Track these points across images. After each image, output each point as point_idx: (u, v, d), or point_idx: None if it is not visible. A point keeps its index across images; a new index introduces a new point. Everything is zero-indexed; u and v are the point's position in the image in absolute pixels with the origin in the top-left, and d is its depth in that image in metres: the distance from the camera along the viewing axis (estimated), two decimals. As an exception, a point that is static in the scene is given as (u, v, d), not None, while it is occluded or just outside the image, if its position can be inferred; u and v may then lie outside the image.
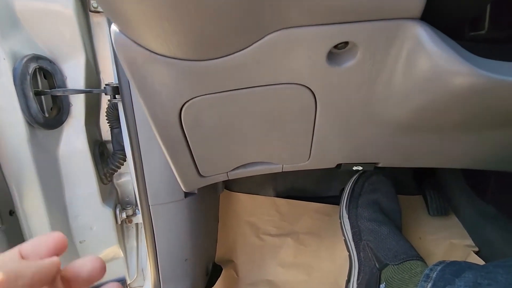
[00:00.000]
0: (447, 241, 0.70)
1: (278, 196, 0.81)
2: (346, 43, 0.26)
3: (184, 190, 0.42)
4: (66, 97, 0.51)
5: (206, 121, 0.32)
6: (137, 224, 0.65)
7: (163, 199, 0.46)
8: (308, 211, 0.80)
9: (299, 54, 0.25)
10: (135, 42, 0.23)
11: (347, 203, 0.63)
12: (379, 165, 0.45)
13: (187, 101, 0.29)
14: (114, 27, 0.23)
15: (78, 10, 0.49)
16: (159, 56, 0.24)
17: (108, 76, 0.59)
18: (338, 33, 0.24)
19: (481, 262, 0.62)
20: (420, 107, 0.29)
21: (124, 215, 0.61)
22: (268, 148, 0.39)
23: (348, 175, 0.72)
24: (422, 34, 0.23)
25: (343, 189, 0.70)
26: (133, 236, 0.65)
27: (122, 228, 0.63)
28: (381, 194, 0.61)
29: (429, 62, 0.24)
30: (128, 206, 0.63)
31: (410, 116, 0.31)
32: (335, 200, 0.78)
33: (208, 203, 0.58)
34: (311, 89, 0.29)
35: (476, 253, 0.66)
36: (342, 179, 0.79)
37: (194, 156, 0.37)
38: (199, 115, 0.31)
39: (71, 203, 0.54)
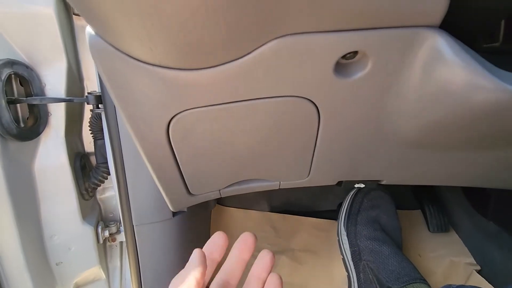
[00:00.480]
0: (447, 259, 0.67)
1: (272, 211, 0.77)
2: (355, 52, 0.23)
3: (171, 210, 0.38)
4: (45, 106, 0.47)
5: (196, 137, 0.28)
6: (121, 243, 0.60)
7: (148, 219, 0.42)
8: (304, 227, 0.76)
9: (304, 64, 0.22)
10: (114, 47, 0.20)
11: (345, 220, 0.60)
12: (382, 183, 0.42)
13: (175, 115, 0.25)
14: (89, 29, 0.20)
15: (60, 12, 0.46)
16: (142, 64, 0.20)
17: (93, 83, 0.56)
18: (348, 41, 0.21)
19: (484, 281, 0.60)
20: (434, 123, 0.26)
21: (106, 233, 0.56)
22: (264, 165, 0.35)
23: (345, 188, 0.69)
24: (442, 43, 0.21)
25: (340, 204, 0.67)
26: (117, 255, 0.60)
27: (104, 247, 0.58)
28: (381, 211, 0.58)
29: (449, 74, 0.21)
30: (112, 223, 0.58)
31: (422, 132, 0.29)
32: (332, 215, 0.75)
33: (198, 220, 0.54)
34: (315, 102, 0.26)
35: (478, 271, 0.63)
36: (339, 193, 0.76)
37: (183, 174, 0.33)
38: (189, 131, 0.27)
39: (47, 221, 0.49)
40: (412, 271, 0.50)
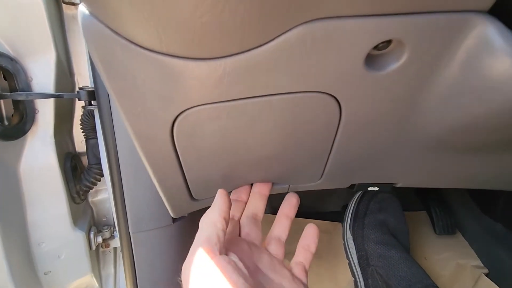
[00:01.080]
0: (454, 262, 0.65)
1: (274, 212, 0.74)
2: (389, 41, 0.20)
3: (172, 216, 0.35)
4: (31, 102, 0.43)
5: (204, 137, 0.25)
6: (115, 248, 0.56)
7: (146, 225, 0.39)
8: (307, 229, 0.73)
9: (331, 54, 0.20)
10: (112, 30, 0.16)
11: (352, 223, 0.58)
12: (397, 185, 0.40)
13: (182, 112, 0.22)
14: (82, 7, 0.16)
15: (49, 0, 0.42)
16: (146, 51, 0.17)
17: (84, 78, 0.52)
18: (385, 28, 0.18)
19: (493, 285, 0.58)
20: (471, 122, 0.24)
21: (99, 239, 0.52)
22: (276, 167, 0.33)
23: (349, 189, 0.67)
24: (493, 32, 0.18)
25: (345, 206, 0.65)
26: (111, 262, 0.57)
27: (97, 254, 0.54)
28: (389, 214, 0.56)
29: (499, 67, 0.19)
30: (105, 228, 0.54)
31: (452, 132, 0.26)
32: (335, 216, 0.72)
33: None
34: (337, 98, 0.24)
35: (486, 274, 0.62)
36: (343, 193, 0.74)
37: (187, 177, 0.30)
38: (197, 130, 0.24)
39: (34, 227, 0.45)
40: (424, 277, 0.48)
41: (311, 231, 0.33)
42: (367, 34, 0.19)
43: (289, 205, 0.34)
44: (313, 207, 0.76)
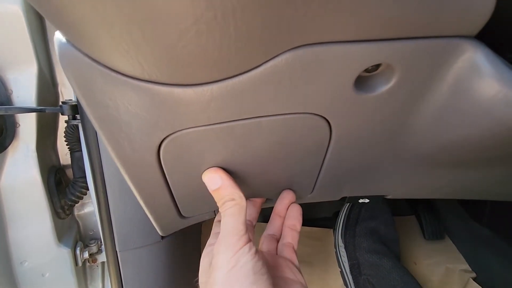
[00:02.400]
0: (443, 266, 0.66)
1: (265, 221, 0.74)
2: (378, 64, 0.20)
3: (160, 234, 0.34)
4: (12, 116, 0.41)
5: (192, 158, 0.24)
6: (103, 263, 0.55)
7: (134, 243, 0.37)
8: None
9: (321, 78, 0.19)
10: (91, 58, 0.16)
11: (343, 231, 0.58)
12: (388, 197, 0.40)
13: (168, 135, 0.21)
14: (58, 35, 0.16)
15: (29, 10, 0.40)
16: (127, 79, 0.16)
17: (68, 88, 0.50)
18: (374, 53, 0.18)
19: (480, 289, 0.59)
20: (457, 141, 0.24)
21: (86, 254, 0.51)
22: (265, 184, 0.32)
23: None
24: (481, 57, 0.18)
25: (336, 213, 0.65)
26: (98, 277, 0.55)
27: (84, 269, 0.52)
28: (379, 222, 0.57)
29: (487, 91, 0.19)
30: (92, 242, 0.53)
31: (441, 150, 0.26)
32: (326, 223, 0.72)
33: (189, 239, 0.50)
34: (328, 119, 0.23)
35: (474, 278, 0.63)
36: (334, 200, 0.74)
37: (175, 197, 0.29)
38: (184, 151, 0.23)
39: (16, 246, 0.43)
40: (416, 286, 0.48)
41: (294, 210, 0.33)
42: (356, 59, 0.18)
43: (282, 204, 0.34)
44: (304, 213, 0.76)
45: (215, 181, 0.25)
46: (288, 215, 0.33)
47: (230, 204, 0.25)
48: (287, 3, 0.13)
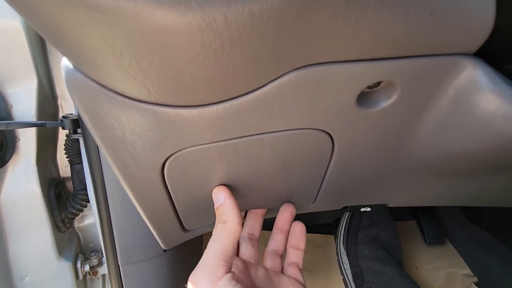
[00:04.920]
0: (444, 271, 0.66)
1: (266, 228, 0.73)
2: (380, 81, 0.20)
3: (163, 248, 0.34)
4: (12, 131, 0.41)
5: (196, 174, 0.25)
6: (103, 276, 0.54)
7: (136, 257, 0.37)
8: (299, 243, 0.73)
9: (324, 96, 0.19)
10: (98, 83, 0.16)
11: (345, 238, 0.58)
12: (389, 205, 0.40)
13: (173, 153, 0.21)
14: (65, 61, 0.16)
15: (28, 24, 0.40)
16: (134, 102, 0.17)
17: (68, 101, 0.50)
18: (376, 71, 0.18)
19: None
20: (458, 154, 0.24)
21: (87, 267, 0.50)
22: (268, 196, 0.32)
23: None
24: (481, 73, 0.19)
25: (338, 219, 0.65)
26: (99, 289, 0.54)
27: (85, 283, 0.52)
28: (381, 228, 0.57)
29: (487, 106, 0.19)
30: (93, 254, 0.52)
31: (442, 162, 0.26)
32: (327, 229, 0.72)
33: (191, 251, 0.50)
34: (330, 134, 0.24)
35: (476, 283, 0.63)
36: (334, 207, 0.74)
37: (178, 211, 0.29)
38: (189, 168, 0.23)
39: (16, 260, 0.43)
40: (418, 293, 0.48)
41: (298, 230, 0.33)
42: (358, 77, 0.19)
43: (283, 218, 0.34)
44: (305, 220, 0.76)
45: (218, 199, 0.25)
46: (291, 234, 0.33)
47: (219, 227, 0.24)
48: (292, 29, 0.14)
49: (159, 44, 0.12)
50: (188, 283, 0.23)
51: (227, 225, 0.24)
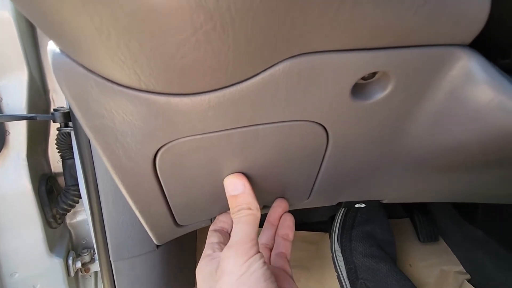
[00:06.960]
0: (437, 268, 0.67)
1: (260, 226, 0.73)
2: (375, 72, 0.20)
3: (156, 243, 0.34)
4: (1, 124, 0.40)
5: (189, 166, 0.24)
6: (96, 273, 0.54)
7: (128, 252, 0.37)
8: (293, 241, 0.73)
9: (318, 86, 0.19)
10: (86, 69, 0.15)
11: (339, 235, 0.58)
12: (384, 201, 0.40)
13: (165, 144, 0.21)
14: (52, 45, 0.15)
15: (19, 15, 0.39)
16: (123, 89, 0.16)
17: (60, 95, 0.49)
18: (371, 61, 0.18)
19: (475, 290, 0.60)
20: (456, 147, 0.24)
21: (79, 264, 0.49)
22: (263, 191, 0.32)
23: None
24: (475, 64, 0.19)
25: (332, 217, 0.65)
26: (91, 287, 0.54)
27: (76, 280, 0.51)
28: (375, 225, 0.57)
29: (481, 97, 0.19)
30: (85, 251, 0.52)
31: (437, 155, 0.26)
32: (322, 227, 0.72)
33: (184, 246, 0.49)
34: (325, 126, 0.23)
35: (468, 280, 0.63)
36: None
37: (170, 206, 0.29)
38: (181, 160, 0.23)
39: (6, 257, 0.42)
40: (412, 289, 0.48)
41: (287, 220, 0.34)
42: (352, 67, 0.18)
43: (275, 213, 0.34)
44: (300, 217, 0.76)
45: (237, 187, 0.26)
46: (280, 224, 0.34)
47: (247, 212, 0.25)
48: (286, 13, 0.13)
49: (148, 24, 0.11)
50: (221, 257, 0.24)
51: (252, 211, 0.25)
